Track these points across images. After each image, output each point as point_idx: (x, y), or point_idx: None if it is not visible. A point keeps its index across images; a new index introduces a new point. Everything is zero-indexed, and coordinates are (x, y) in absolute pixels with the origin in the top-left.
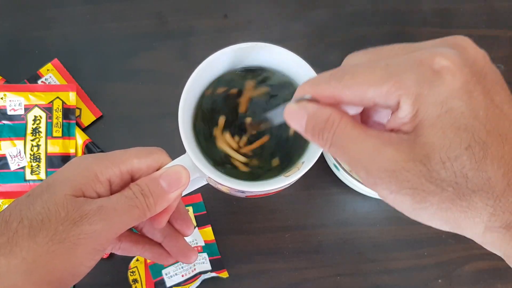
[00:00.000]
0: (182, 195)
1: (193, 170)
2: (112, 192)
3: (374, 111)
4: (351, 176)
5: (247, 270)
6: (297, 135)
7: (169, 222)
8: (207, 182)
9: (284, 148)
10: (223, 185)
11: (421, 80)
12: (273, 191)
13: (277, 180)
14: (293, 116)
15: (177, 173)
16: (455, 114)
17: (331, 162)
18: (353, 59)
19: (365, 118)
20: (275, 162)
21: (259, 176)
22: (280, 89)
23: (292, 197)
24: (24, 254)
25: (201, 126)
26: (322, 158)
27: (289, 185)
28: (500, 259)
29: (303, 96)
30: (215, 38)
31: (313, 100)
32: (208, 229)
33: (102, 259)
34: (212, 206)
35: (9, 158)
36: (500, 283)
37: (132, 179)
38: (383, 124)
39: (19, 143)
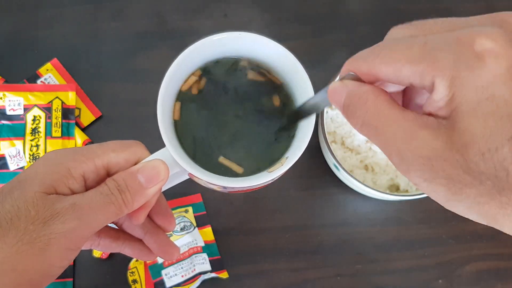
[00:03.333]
0: (162, 190)
1: (172, 164)
2: (87, 188)
3: (416, 93)
4: (351, 176)
5: (247, 270)
6: (281, 128)
7: (150, 217)
8: (188, 177)
9: (268, 143)
10: (203, 180)
11: (460, 62)
12: (256, 187)
13: (260, 176)
14: (334, 94)
15: (155, 167)
16: (497, 102)
17: (331, 162)
18: (396, 32)
19: (407, 100)
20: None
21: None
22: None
23: (292, 197)
24: None
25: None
26: (322, 158)
27: (272, 181)
28: (500, 259)
29: (347, 73)
30: None
31: (356, 77)
32: (208, 229)
33: (102, 259)
34: (212, 206)
35: (8, 158)
36: (500, 284)
37: (109, 174)
38: None
39: (19, 143)
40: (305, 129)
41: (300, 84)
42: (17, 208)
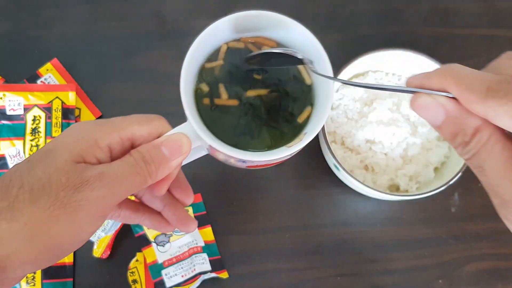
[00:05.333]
0: (183, 164)
1: (194, 138)
2: (112, 159)
3: None
4: (351, 176)
5: (247, 270)
6: (300, 102)
7: (168, 191)
8: (207, 153)
9: (287, 119)
10: (224, 154)
11: None
12: (274, 161)
13: (279, 151)
14: (427, 109)
15: (178, 140)
16: None
17: (331, 162)
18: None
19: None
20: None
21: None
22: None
23: (292, 197)
24: (26, 219)
25: (202, 96)
26: (322, 158)
27: (290, 156)
28: (500, 259)
29: (441, 91)
30: None
31: (454, 100)
32: (208, 229)
33: (102, 259)
34: (212, 206)
35: (8, 158)
36: (500, 283)
37: (132, 146)
38: None
39: (18, 143)
40: (322, 107)
41: (320, 64)
42: (48, 175)
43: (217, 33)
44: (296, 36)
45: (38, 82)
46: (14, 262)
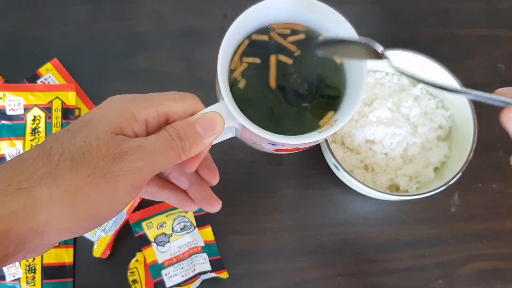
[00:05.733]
0: (213, 143)
1: (227, 118)
2: (147, 133)
3: None
4: (351, 176)
5: (247, 270)
6: (332, 88)
7: (195, 170)
8: (233, 135)
9: (319, 105)
10: (256, 135)
11: None
12: (303, 145)
13: (310, 135)
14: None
15: (212, 119)
16: None
17: (331, 162)
18: None
19: None
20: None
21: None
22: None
23: (292, 197)
24: (66, 186)
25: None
26: (322, 158)
27: (320, 141)
28: (500, 259)
29: None
30: (215, 38)
31: None
32: (208, 229)
33: (102, 259)
34: None
35: (8, 158)
36: (500, 283)
37: (167, 122)
38: None
39: (19, 143)
40: (354, 94)
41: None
42: (89, 144)
43: (255, 17)
44: (330, 22)
45: (38, 82)
46: (52, 228)
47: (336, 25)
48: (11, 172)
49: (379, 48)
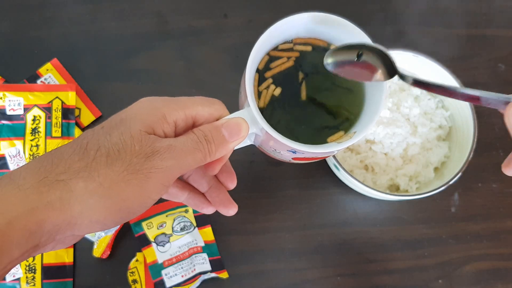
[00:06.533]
0: (235, 148)
1: (251, 124)
2: (176, 135)
3: None
4: (351, 176)
5: (247, 270)
6: (352, 101)
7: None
8: (251, 143)
9: (339, 117)
10: (278, 142)
11: None
12: (322, 155)
13: (330, 145)
14: None
15: (238, 124)
16: None
17: (331, 162)
18: None
19: None
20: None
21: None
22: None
23: (292, 197)
24: (101, 179)
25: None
26: None
27: (338, 151)
28: (500, 259)
29: None
30: (215, 38)
31: None
32: (208, 229)
33: (102, 259)
34: None
35: (8, 158)
36: (500, 283)
37: (194, 125)
38: None
39: (19, 143)
40: (373, 107)
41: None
42: (124, 141)
43: (285, 29)
44: (351, 40)
45: (38, 82)
46: (84, 220)
47: (355, 39)
48: (49, 164)
49: (392, 58)
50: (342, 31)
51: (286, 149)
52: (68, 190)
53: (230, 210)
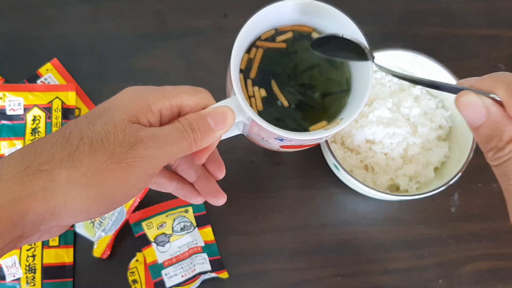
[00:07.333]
0: (221, 138)
1: (237, 113)
2: (161, 124)
3: None
4: (351, 176)
5: (247, 270)
6: (338, 87)
7: (203, 164)
8: (240, 132)
9: (325, 105)
10: (264, 130)
11: None
12: (310, 142)
13: (317, 132)
14: (471, 107)
15: (224, 113)
16: None
17: (331, 162)
18: None
19: None
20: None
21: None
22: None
23: (292, 197)
24: (85, 169)
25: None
26: (322, 158)
27: (326, 138)
28: (500, 259)
29: (490, 92)
30: (215, 38)
31: (499, 102)
32: (208, 229)
33: (102, 259)
34: (212, 207)
35: None
36: (500, 284)
37: (179, 114)
38: None
39: (18, 143)
40: (360, 93)
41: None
42: (107, 131)
43: (270, 17)
44: (338, 25)
45: (38, 82)
46: (68, 209)
47: (341, 26)
48: (31, 154)
49: (364, 47)
50: (327, 17)
51: (273, 137)
52: (51, 179)
53: (219, 199)
